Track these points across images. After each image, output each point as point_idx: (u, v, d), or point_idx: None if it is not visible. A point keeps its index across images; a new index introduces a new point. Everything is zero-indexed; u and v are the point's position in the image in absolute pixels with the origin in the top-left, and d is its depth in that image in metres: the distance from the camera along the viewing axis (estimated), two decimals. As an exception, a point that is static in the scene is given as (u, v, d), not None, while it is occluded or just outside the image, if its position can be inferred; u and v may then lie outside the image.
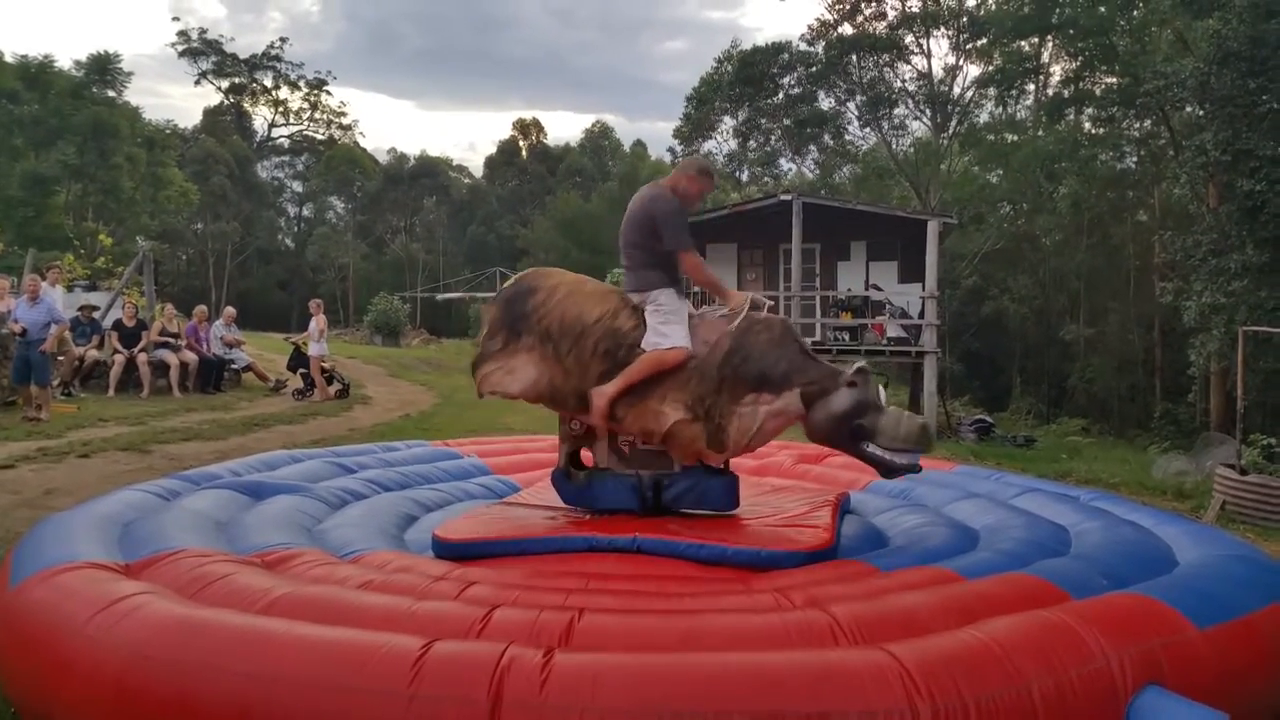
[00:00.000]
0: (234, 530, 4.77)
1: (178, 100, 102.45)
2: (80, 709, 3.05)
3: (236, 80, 65.24)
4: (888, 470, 4.76)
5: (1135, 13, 26.89)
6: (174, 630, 3.06)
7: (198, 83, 64.76)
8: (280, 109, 67.17)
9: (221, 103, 65.28)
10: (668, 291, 5.00)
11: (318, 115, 67.60)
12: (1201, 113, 20.14)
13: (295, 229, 67.70)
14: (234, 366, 16.71)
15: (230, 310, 17.99)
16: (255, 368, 17.06)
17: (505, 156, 66.28)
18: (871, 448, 4.69)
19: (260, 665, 2.85)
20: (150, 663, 2.95)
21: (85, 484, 7.75)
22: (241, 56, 64.61)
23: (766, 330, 4.93)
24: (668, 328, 4.88)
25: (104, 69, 38.24)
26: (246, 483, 5.75)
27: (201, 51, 62.89)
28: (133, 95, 53.32)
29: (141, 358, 14.53)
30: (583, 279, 5.33)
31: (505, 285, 5.36)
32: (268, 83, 65.79)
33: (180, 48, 62.65)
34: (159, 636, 3.03)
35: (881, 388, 4.93)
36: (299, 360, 16.15)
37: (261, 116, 67.64)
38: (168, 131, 51.26)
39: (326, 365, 16.08)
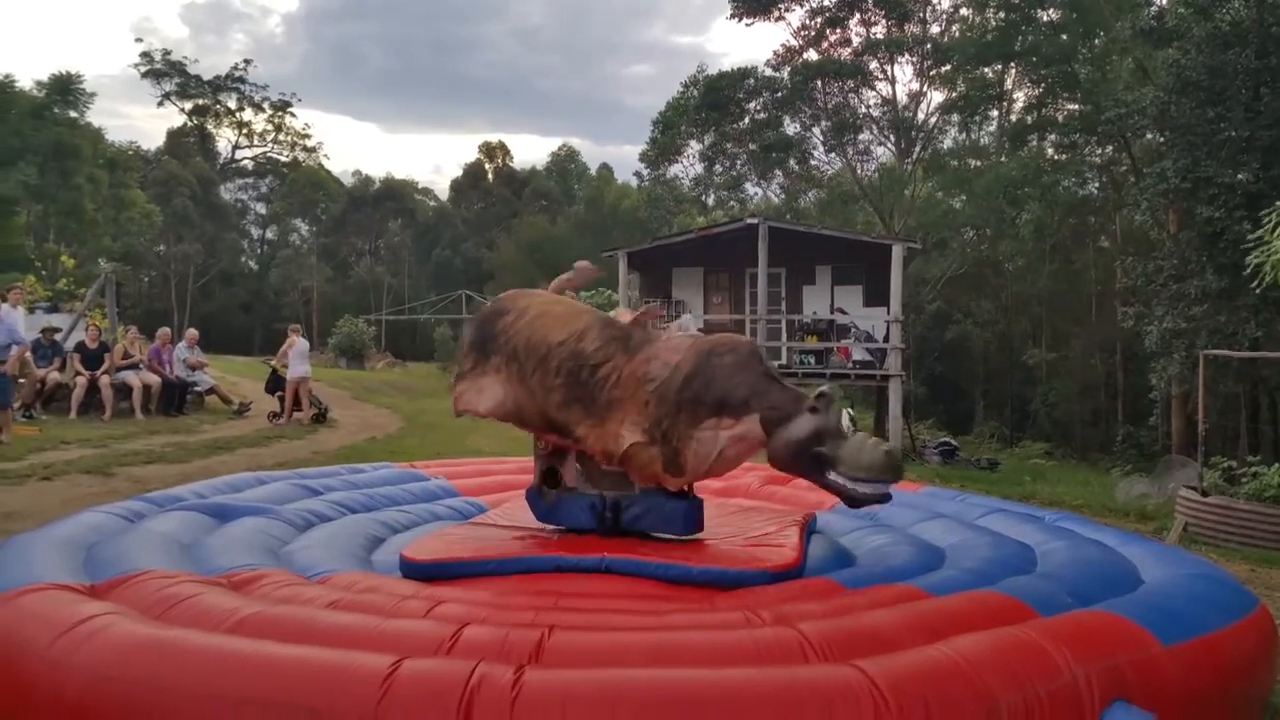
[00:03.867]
0: (199, 552, 4.71)
1: (140, 121, 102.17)
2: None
3: (200, 102, 64.96)
4: (851, 500, 4.54)
5: (1096, 42, 27.37)
6: (138, 651, 3.01)
7: (160, 104, 64.45)
8: (244, 131, 66.95)
9: (185, 124, 65.01)
10: None
11: (281, 137, 67.44)
12: (1162, 140, 20.51)
13: (259, 251, 67.42)
14: (197, 389, 16.56)
15: (193, 332, 17.84)
16: (219, 390, 16.92)
17: (471, 179, 66.34)
18: (834, 476, 4.48)
19: (226, 686, 2.80)
20: (114, 684, 2.90)
21: (47, 507, 7.65)
22: (205, 78, 64.37)
23: (731, 353, 4.80)
24: None
25: (65, 89, 37.90)
26: (211, 504, 5.69)
27: (164, 73, 62.59)
28: (95, 116, 52.62)
29: (104, 380, 14.38)
30: (556, 299, 5.33)
31: (483, 306, 5.38)
32: (231, 104, 65.56)
33: (143, 69, 62.35)
34: (123, 658, 2.99)
35: (847, 413, 4.88)
36: (276, 383, 16.05)
37: (225, 138, 67.44)
38: (130, 153, 50.97)
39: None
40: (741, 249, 20.46)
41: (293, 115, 66.61)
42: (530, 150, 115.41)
